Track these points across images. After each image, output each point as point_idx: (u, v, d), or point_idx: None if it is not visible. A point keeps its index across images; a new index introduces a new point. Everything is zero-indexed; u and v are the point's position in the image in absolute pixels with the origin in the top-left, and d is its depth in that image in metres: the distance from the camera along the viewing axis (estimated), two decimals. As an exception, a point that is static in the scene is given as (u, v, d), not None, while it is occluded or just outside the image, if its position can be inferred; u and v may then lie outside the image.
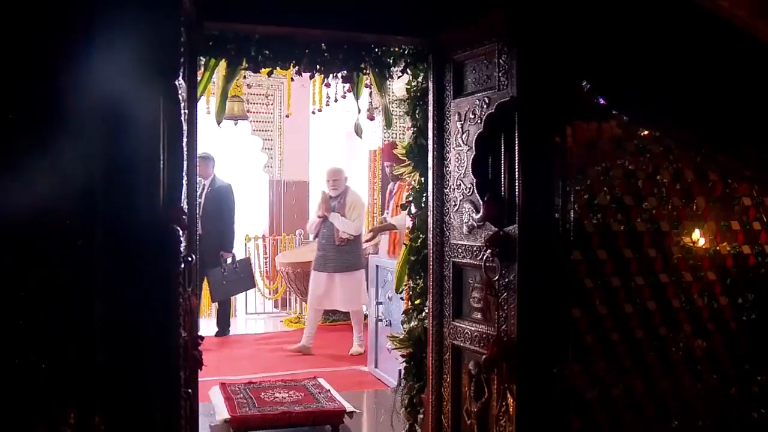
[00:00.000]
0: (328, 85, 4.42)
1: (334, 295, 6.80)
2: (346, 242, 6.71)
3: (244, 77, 4.30)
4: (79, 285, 2.26)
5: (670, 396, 2.88)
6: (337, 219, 6.67)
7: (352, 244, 6.80)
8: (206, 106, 6.44)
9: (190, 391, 2.71)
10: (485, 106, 2.76)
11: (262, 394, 4.63)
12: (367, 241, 6.86)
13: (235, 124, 7.51)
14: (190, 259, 2.65)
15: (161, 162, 2.29)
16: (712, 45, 2.85)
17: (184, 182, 2.51)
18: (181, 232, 2.40)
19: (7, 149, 2.21)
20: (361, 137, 4.81)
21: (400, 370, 4.57)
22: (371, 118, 4.81)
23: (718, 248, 2.92)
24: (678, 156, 2.88)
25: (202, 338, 2.85)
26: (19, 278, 2.22)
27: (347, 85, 4.18)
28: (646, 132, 2.86)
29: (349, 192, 6.88)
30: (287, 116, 8.70)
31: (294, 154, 9.71)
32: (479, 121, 2.78)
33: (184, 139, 2.50)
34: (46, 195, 2.24)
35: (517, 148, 2.62)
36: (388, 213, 6.81)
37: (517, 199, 2.62)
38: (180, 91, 2.42)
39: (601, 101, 2.78)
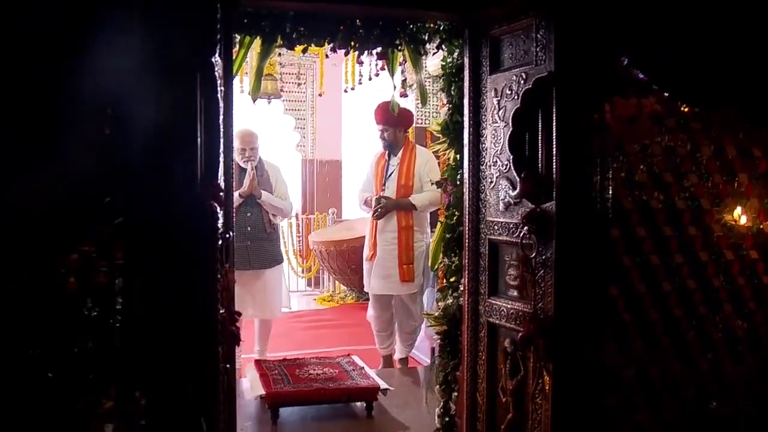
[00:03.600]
0: (361, 63, 4.38)
1: (249, 298, 5.18)
2: (274, 229, 5.40)
3: (279, 54, 4.28)
4: (120, 263, 2.30)
5: (709, 376, 2.84)
6: (271, 199, 5.26)
7: (277, 231, 5.49)
8: (240, 85, 6.46)
9: (228, 366, 2.75)
10: (522, 82, 2.72)
11: (297, 370, 4.67)
12: (377, 215, 5.32)
13: (269, 102, 7.52)
14: (227, 235, 2.67)
15: (198, 139, 2.30)
16: (758, 14, 2.76)
17: (221, 159, 2.53)
18: (218, 209, 2.42)
19: (47, 129, 2.24)
20: (396, 114, 4.79)
21: (433, 348, 4.59)
22: (404, 95, 4.78)
23: (761, 226, 2.86)
24: (720, 132, 2.81)
25: (239, 314, 2.87)
26: (61, 256, 2.26)
27: (381, 63, 4.15)
28: (686, 108, 2.80)
29: (266, 162, 5.43)
30: (320, 95, 8.69)
31: (326, 133, 9.73)
32: (516, 97, 2.75)
33: (221, 117, 2.51)
34: (86, 174, 2.27)
35: (554, 124, 2.58)
36: (385, 191, 5.39)
37: (554, 175, 2.59)
38: (216, 68, 2.43)
39: (641, 76, 2.72)
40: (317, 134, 9.75)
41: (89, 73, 2.25)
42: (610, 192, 2.65)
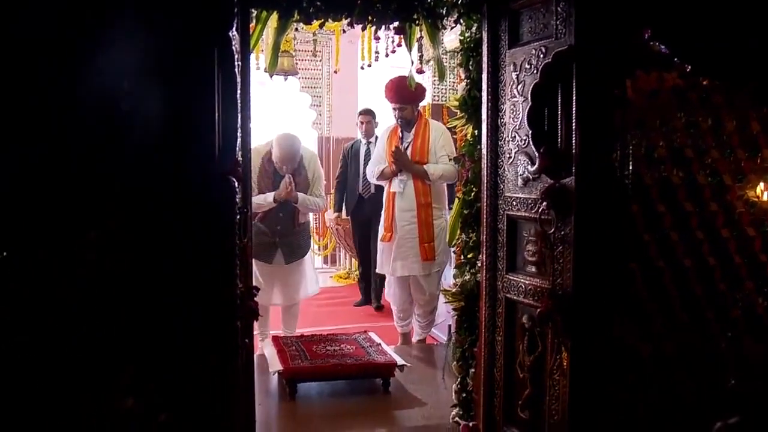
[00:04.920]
0: (377, 39, 4.35)
1: (275, 289, 5.23)
2: (303, 223, 5.30)
3: (296, 30, 4.25)
4: (140, 239, 2.31)
5: (728, 354, 2.82)
6: (307, 201, 5.16)
7: (306, 223, 5.39)
8: (256, 62, 6.44)
9: (246, 340, 2.76)
10: (542, 56, 2.69)
11: (314, 347, 4.69)
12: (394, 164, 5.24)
13: (285, 79, 7.49)
14: (246, 210, 2.68)
15: (217, 113, 2.30)
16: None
17: (239, 133, 2.53)
18: (236, 184, 2.42)
19: (64, 107, 2.25)
20: (413, 89, 4.75)
21: (449, 325, 4.59)
22: (421, 72, 4.73)
23: (785, 202, 2.82)
24: (743, 106, 2.77)
25: (257, 289, 2.89)
26: (82, 235, 2.28)
27: (397, 39, 4.12)
28: (707, 82, 2.75)
29: (304, 152, 5.26)
30: (335, 72, 8.64)
31: (343, 110, 9.69)
32: (535, 72, 2.72)
33: (238, 91, 2.51)
34: (105, 150, 2.28)
35: (574, 98, 2.55)
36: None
37: (573, 150, 2.57)
38: (234, 43, 2.42)
39: (663, 49, 2.68)
40: (333, 112, 9.72)
41: (107, 50, 2.25)
42: (630, 167, 2.62)
